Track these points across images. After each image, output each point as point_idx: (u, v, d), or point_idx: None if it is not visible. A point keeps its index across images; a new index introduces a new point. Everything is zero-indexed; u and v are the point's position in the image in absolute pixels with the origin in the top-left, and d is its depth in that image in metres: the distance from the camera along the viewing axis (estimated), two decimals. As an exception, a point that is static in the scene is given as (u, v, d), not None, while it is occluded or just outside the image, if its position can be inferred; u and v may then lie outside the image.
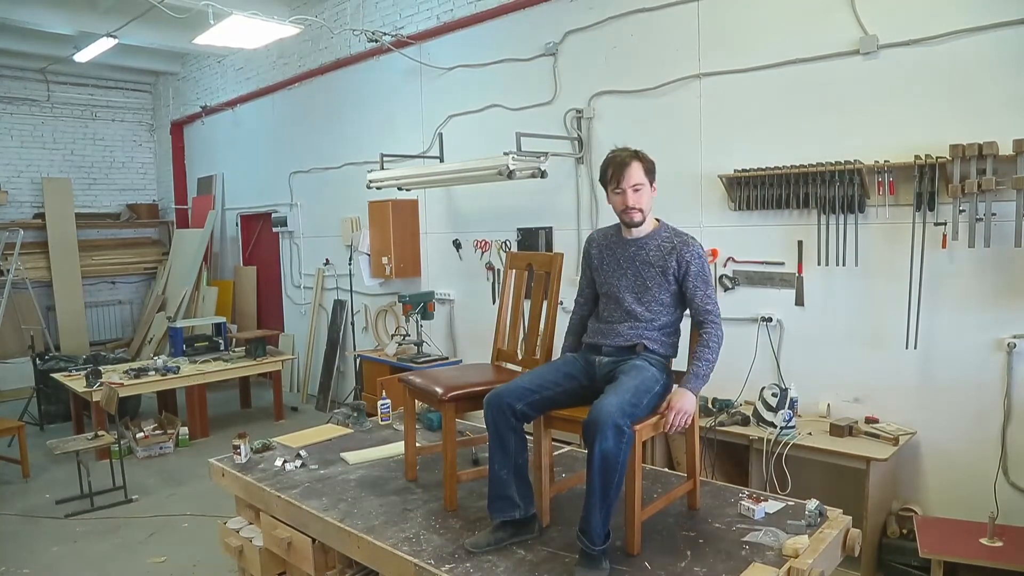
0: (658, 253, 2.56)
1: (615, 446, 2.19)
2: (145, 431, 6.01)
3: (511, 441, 2.46)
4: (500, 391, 2.48)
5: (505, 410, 2.44)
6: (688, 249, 2.54)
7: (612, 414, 2.21)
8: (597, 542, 2.21)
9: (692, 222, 4.43)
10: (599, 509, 2.21)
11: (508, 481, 2.45)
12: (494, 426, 2.46)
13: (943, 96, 3.46)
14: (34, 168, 9.40)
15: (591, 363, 2.62)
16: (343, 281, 7.06)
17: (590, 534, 2.21)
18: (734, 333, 4.24)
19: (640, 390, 2.38)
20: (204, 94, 9.26)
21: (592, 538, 2.21)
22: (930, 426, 3.61)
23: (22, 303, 8.34)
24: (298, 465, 3.23)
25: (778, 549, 2.26)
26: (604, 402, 2.26)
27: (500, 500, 2.45)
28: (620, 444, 2.20)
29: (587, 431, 2.23)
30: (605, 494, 2.21)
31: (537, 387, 2.50)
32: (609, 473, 2.20)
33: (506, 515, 2.44)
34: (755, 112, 4.12)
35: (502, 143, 4.84)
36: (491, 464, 2.49)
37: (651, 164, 2.60)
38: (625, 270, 2.61)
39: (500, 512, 2.44)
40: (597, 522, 2.21)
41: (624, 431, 2.22)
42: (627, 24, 4.69)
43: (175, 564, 3.98)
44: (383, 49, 6.28)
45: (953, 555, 3.03)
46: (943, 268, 3.51)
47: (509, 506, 2.44)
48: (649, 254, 2.57)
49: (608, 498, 2.22)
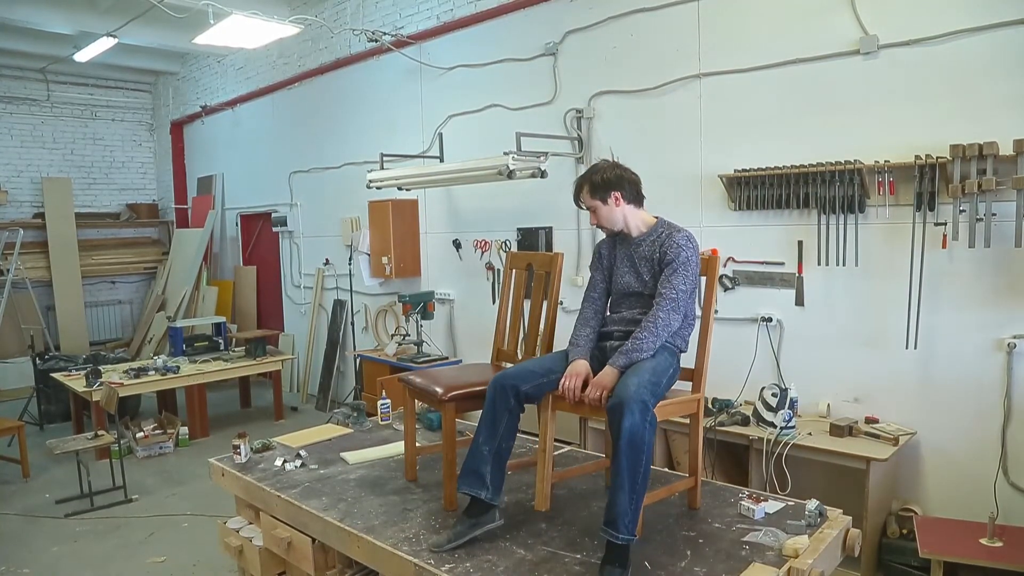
0: (651, 248, 2.64)
1: (641, 423, 2.20)
2: (145, 431, 6.01)
3: (503, 422, 2.49)
4: (507, 372, 2.54)
5: (508, 390, 2.47)
6: (671, 239, 2.58)
7: (638, 390, 2.24)
8: (623, 531, 2.14)
9: (692, 222, 4.42)
10: (627, 494, 2.17)
11: (486, 459, 2.46)
12: (491, 404, 2.49)
13: (943, 96, 3.46)
14: (34, 168, 9.41)
15: (603, 350, 2.66)
16: (343, 281, 7.06)
17: (616, 523, 2.15)
18: (734, 333, 4.26)
19: (658, 371, 2.42)
20: (204, 94, 9.26)
21: (618, 527, 2.14)
22: (930, 426, 3.61)
23: (22, 303, 8.34)
24: (298, 465, 3.23)
25: (778, 549, 2.26)
26: (627, 381, 2.30)
27: (472, 475, 2.47)
28: (646, 421, 2.22)
29: (612, 413, 2.24)
30: (633, 477, 2.18)
31: (545, 371, 2.55)
32: (636, 452, 2.18)
33: (473, 491, 2.44)
34: (755, 112, 4.12)
35: (502, 143, 4.84)
36: (475, 438, 2.51)
37: (603, 183, 2.63)
38: (630, 267, 2.69)
39: (468, 486, 2.45)
40: (625, 508, 2.16)
41: (649, 407, 2.24)
42: (627, 24, 4.69)
43: (175, 564, 3.98)
44: (383, 49, 6.28)
45: (953, 555, 3.02)
46: (943, 268, 3.51)
47: (478, 483, 2.45)
48: (645, 250, 2.65)
49: (636, 483, 2.19)
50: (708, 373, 2.68)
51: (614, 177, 2.64)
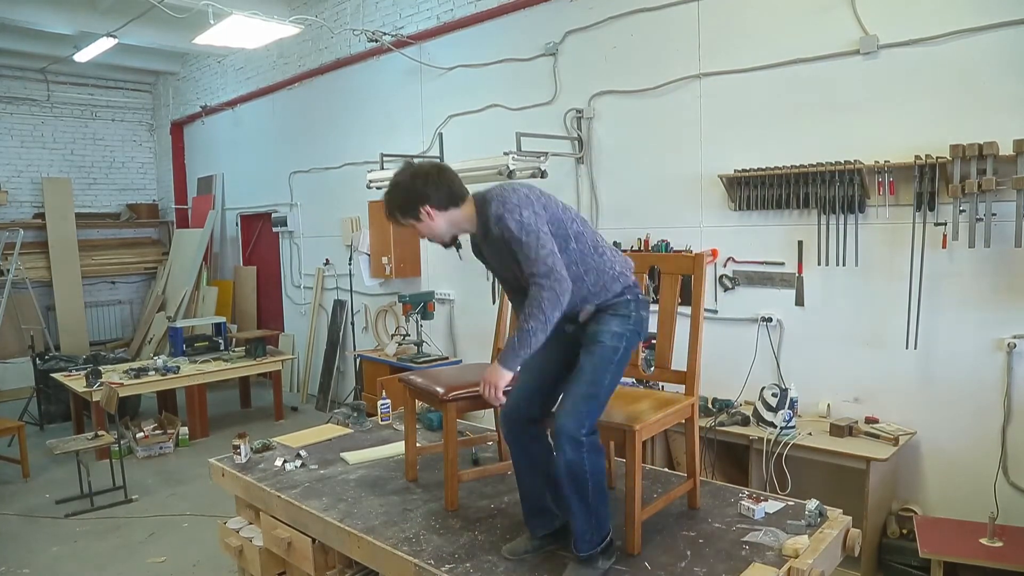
0: (483, 230, 2.35)
1: (576, 457, 2.13)
2: (145, 431, 6.01)
3: (535, 450, 2.41)
4: (512, 404, 2.40)
5: (524, 422, 2.40)
6: (490, 219, 2.24)
7: (565, 426, 2.15)
8: (583, 548, 2.18)
9: (692, 222, 4.44)
10: (582, 517, 2.18)
11: (542, 493, 2.41)
12: (516, 442, 2.41)
13: (943, 96, 3.46)
14: (34, 168, 9.41)
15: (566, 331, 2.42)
16: (343, 281, 7.06)
17: (578, 543, 2.19)
18: (734, 333, 4.26)
19: (598, 369, 2.24)
20: (204, 94, 9.26)
21: (580, 546, 2.19)
22: (930, 426, 3.61)
23: (22, 303, 8.34)
24: (298, 465, 3.23)
25: (778, 549, 2.26)
26: (559, 411, 2.22)
27: (537, 516, 2.40)
28: (580, 454, 2.14)
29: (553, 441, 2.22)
30: (582, 501, 2.17)
31: (538, 385, 2.42)
32: (578, 483, 2.15)
33: (548, 528, 2.39)
34: (755, 112, 4.12)
35: (502, 143, 4.83)
36: (520, 483, 2.44)
37: (405, 202, 2.28)
38: (498, 262, 2.46)
39: (541, 527, 2.39)
40: (583, 529, 2.18)
41: (581, 440, 2.14)
42: (627, 24, 4.69)
43: (175, 564, 3.98)
44: (383, 49, 6.28)
45: (953, 555, 3.03)
46: (943, 268, 3.51)
47: (549, 518, 2.39)
48: (490, 239, 2.35)
49: (587, 504, 2.17)
50: (709, 373, 2.66)
51: (416, 189, 2.24)
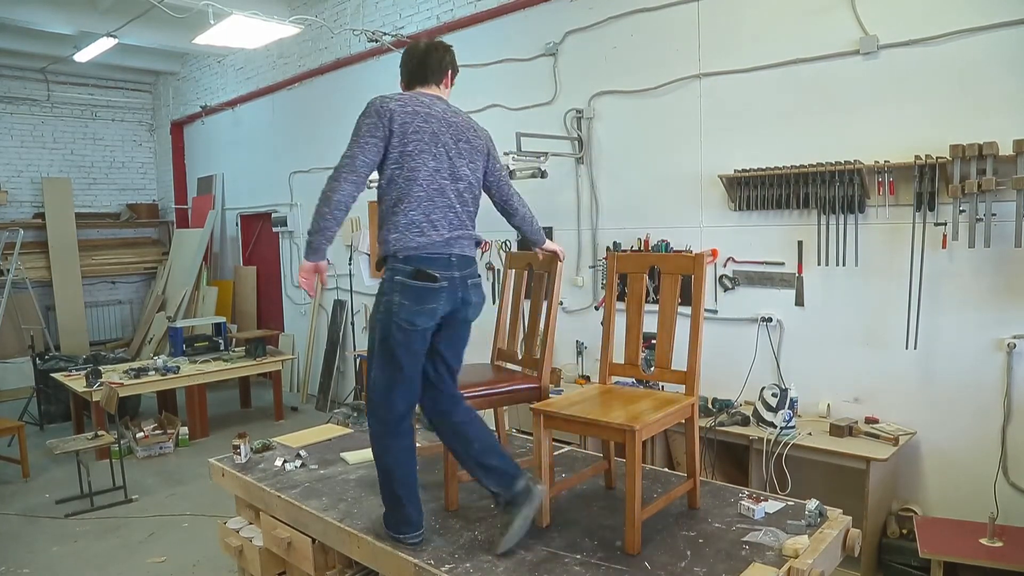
0: None
1: (375, 433, 2.43)
2: (145, 431, 6.01)
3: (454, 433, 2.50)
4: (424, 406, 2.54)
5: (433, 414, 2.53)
6: None
7: (369, 398, 2.44)
8: (391, 530, 2.41)
9: (692, 222, 4.44)
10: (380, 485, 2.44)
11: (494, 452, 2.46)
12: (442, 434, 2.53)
13: (943, 96, 3.46)
14: (34, 168, 9.41)
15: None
16: (343, 281, 7.06)
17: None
18: (734, 333, 4.26)
19: (372, 341, 2.44)
20: (204, 94, 9.26)
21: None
22: (930, 426, 3.61)
23: (22, 303, 8.34)
24: (298, 465, 3.23)
25: (778, 549, 2.26)
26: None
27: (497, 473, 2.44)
28: (374, 427, 2.42)
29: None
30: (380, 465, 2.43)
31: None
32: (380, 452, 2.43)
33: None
34: (755, 112, 4.12)
35: (502, 143, 4.78)
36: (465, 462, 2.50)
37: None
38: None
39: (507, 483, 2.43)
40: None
41: (375, 414, 2.41)
42: (627, 24, 4.69)
43: (175, 564, 3.98)
44: (383, 49, 6.28)
45: (953, 555, 3.03)
46: (943, 268, 3.51)
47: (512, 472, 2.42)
48: None
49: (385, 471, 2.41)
50: (709, 373, 2.67)
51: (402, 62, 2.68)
